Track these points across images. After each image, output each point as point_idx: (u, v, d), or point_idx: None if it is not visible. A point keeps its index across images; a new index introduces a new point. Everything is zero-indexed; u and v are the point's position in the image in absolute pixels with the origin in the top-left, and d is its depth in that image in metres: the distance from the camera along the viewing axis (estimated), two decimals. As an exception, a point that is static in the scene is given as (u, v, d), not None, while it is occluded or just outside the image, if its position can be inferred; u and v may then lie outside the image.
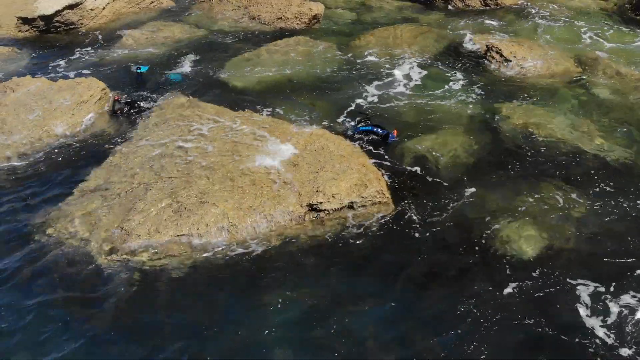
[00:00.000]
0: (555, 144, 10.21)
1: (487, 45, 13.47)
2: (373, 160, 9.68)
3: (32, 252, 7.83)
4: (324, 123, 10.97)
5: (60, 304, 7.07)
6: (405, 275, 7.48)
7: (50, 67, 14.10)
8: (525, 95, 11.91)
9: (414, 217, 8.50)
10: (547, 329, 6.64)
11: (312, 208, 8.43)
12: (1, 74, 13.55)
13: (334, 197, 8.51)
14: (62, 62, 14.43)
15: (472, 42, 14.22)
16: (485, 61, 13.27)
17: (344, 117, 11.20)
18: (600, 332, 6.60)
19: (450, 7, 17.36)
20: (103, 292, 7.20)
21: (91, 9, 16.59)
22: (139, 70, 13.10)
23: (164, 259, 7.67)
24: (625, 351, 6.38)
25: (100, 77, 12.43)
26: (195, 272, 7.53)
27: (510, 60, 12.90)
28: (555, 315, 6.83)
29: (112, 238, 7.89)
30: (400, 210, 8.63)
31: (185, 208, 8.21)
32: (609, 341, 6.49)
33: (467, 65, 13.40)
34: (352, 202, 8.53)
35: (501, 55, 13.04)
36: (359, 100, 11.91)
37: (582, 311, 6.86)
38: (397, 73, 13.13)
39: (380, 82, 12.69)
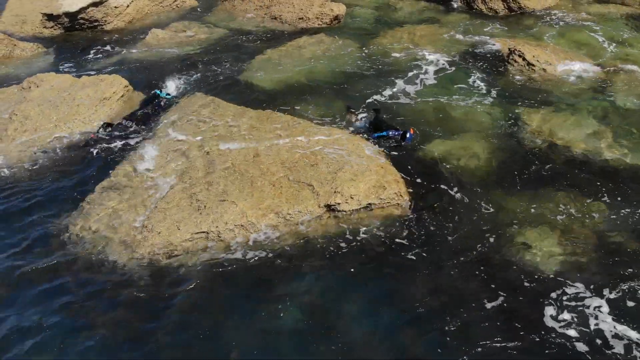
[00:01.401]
0: (576, 151, 10.07)
1: (509, 48, 13.35)
2: (392, 162, 9.65)
3: (53, 248, 7.96)
4: (343, 122, 10.97)
5: (80, 301, 7.17)
6: (421, 279, 7.45)
7: (74, 64, 14.30)
8: (547, 100, 11.77)
9: (432, 221, 8.47)
10: (563, 340, 6.58)
11: (330, 209, 8.44)
12: (26, 70, 13.77)
13: (352, 198, 8.52)
14: (85, 59, 14.63)
15: (494, 45, 14.12)
16: (507, 64, 13.15)
17: (362, 116, 11.16)
18: (620, 344, 6.52)
19: (472, 9, 17.22)
20: (121, 289, 7.30)
21: (115, 7, 16.77)
22: (161, 94, 11.96)
23: (183, 257, 7.75)
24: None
25: (123, 75, 12.57)
26: (214, 269, 7.59)
27: (533, 64, 12.76)
28: (574, 327, 6.75)
29: (132, 235, 7.99)
30: (418, 213, 8.60)
31: (205, 206, 8.29)
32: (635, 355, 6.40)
33: (488, 68, 13.30)
34: (370, 204, 8.53)
35: (524, 59, 12.91)
36: (377, 100, 11.90)
37: (601, 323, 6.78)
38: (417, 74, 13.07)
39: (399, 83, 12.64)
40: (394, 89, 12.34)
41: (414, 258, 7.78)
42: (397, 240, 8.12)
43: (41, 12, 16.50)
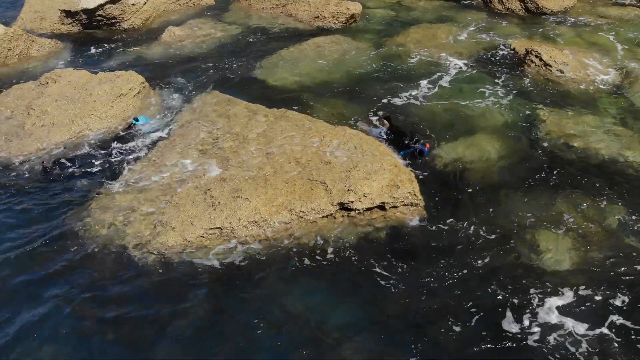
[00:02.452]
0: (592, 153, 9.99)
1: (526, 49, 13.26)
2: (406, 162, 9.63)
3: (70, 241, 8.06)
4: (357, 122, 10.96)
5: (94, 293, 7.26)
6: (434, 280, 7.43)
7: (91, 60, 14.43)
8: (564, 101, 11.68)
9: (446, 221, 8.45)
10: (574, 341, 6.53)
11: (343, 207, 8.44)
12: (44, 66, 13.92)
13: (365, 196, 8.51)
14: (102, 56, 14.75)
15: (510, 46, 14.02)
16: (524, 65, 13.06)
17: (374, 120, 11.13)
18: (633, 346, 6.46)
19: (489, 9, 17.12)
20: (135, 283, 7.38)
21: (132, 4, 16.87)
22: (135, 122, 10.96)
23: (197, 252, 7.80)
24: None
25: (140, 72, 12.64)
26: (227, 265, 7.65)
27: (550, 65, 12.66)
28: (585, 329, 6.70)
29: (147, 230, 8.05)
30: (432, 213, 8.59)
31: (219, 203, 8.33)
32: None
33: (505, 68, 13.22)
34: (383, 203, 8.51)
35: (540, 60, 12.82)
36: (393, 102, 11.85)
37: (612, 325, 6.72)
38: (433, 74, 13.03)
39: (415, 83, 12.61)
40: (409, 90, 12.30)
41: (426, 257, 7.77)
42: (409, 239, 8.12)
43: (59, 8, 16.65)
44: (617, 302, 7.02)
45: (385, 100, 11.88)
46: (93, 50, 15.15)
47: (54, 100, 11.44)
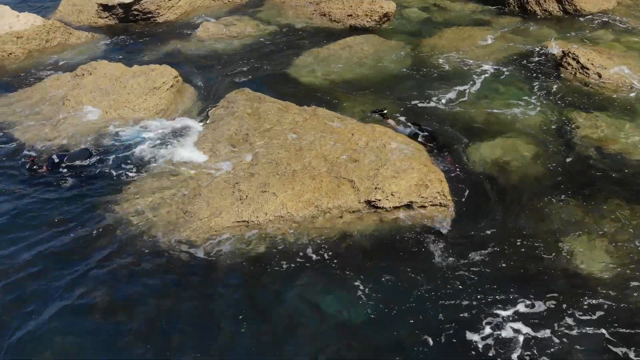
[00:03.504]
0: (628, 159, 9.72)
1: (563, 51, 12.99)
2: (437, 161, 9.52)
3: (100, 226, 8.21)
4: (387, 122, 10.88)
5: (119, 277, 7.40)
6: (460, 282, 7.31)
7: (126, 53, 14.65)
8: (600, 105, 11.41)
9: (475, 223, 8.32)
10: (610, 347, 6.37)
11: (370, 205, 8.39)
12: (80, 58, 14.18)
13: (393, 195, 8.45)
14: (137, 49, 14.96)
15: (546, 48, 13.75)
16: (560, 68, 12.79)
17: (405, 120, 11.03)
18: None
19: (525, 11, 16.81)
20: (161, 270, 7.47)
21: None
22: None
23: (223, 244, 7.84)
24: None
25: (174, 65, 12.78)
26: (252, 257, 7.68)
27: (588, 68, 12.38)
28: (618, 335, 6.54)
29: (175, 219, 8.14)
30: (461, 215, 8.46)
31: (247, 196, 8.37)
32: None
33: (540, 71, 12.98)
34: (411, 202, 8.44)
35: (578, 62, 12.54)
36: (423, 104, 11.73)
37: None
38: (466, 76, 12.87)
39: (447, 84, 12.47)
40: (441, 92, 12.15)
41: (453, 258, 7.66)
42: (436, 239, 8.01)
43: (97, 2, 16.95)
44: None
45: (416, 101, 11.76)
46: (128, 44, 15.39)
47: (89, 92, 11.65)
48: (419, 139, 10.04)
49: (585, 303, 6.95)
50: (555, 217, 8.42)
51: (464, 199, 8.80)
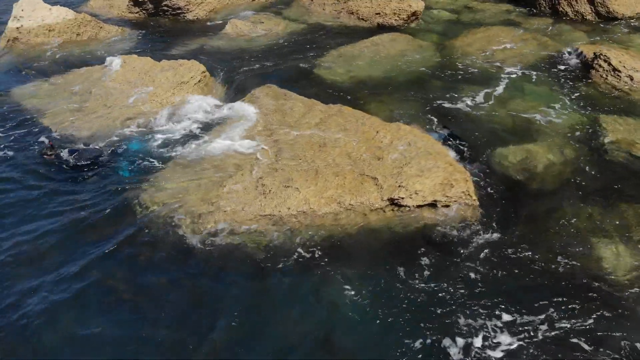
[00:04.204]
0: (659, 165, 9.54)
1: (594, 53, 12.75)
2: (462, 162, 9.42)
3: (123, 215, 8.32)
4: (411, 121, 10.80)
5: (142, 265, 7.50)
6: (483, 284, 7.21)
7: (155, 48, 14.82)
8: (632, 110, 11.16)
9: (500, 225, 8.20)
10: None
11: (393, 203, 8.34)
12: (110, 51, 14.39)
13: (416, 193, 8.38)
14: (166, 44, 15.13)
15: (577, 50, 13.52)
16: (591, 70, 12.56)
17: (435, 122, 10.93)
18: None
19: (557, 13, 16.56)
20: (182, 259, 7.54)
21: (198, -4, 17.28)
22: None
23: (245, 236, 7.87)
24: None
25: (202, 61, 12.89)
26: (273, 251, 7.68)
27: (619, 70, 12.12)
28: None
29: (199, 211, 8.19)
30: (486, 216, 8.35)
31: (270, 191, 8.39)
32: None
33: (570, 73, 12.76)
34: (435, 201, 8.36)
35: (609, 64, 12.30)
36: (450, 104, 11.61)
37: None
38: (494, 77, 12.72)
39: (475, 85, 12.34)
40: (468, 93, 12.02)
41: (476, 260, 7.56)
42: (460, 240, 7.91)
43: (128, -3, 17.23)
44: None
45: (442, 102, 11.66)
46: (157, 39, 15.58)
47: (117, 84, 11.81)
48: (448, 144, 9.94)
49: (612, 308, 6.80)
50: (582, 221, 8.27)
51: (489, 201, 8.69)
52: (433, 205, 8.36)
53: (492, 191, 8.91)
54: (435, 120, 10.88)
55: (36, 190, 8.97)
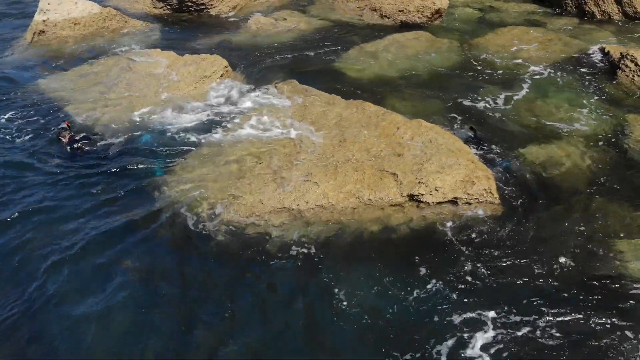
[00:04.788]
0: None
1: (621, 53, 12.54)
2: (484, 160, 9.31)
3: (145, 202, 8.41)
4: (432, 119, 10.70)
5: (160, 252, 7.58)
6: (503, 283, 7.11)
7: (178, 42, 14.89)
8: (659, 110, 10.98)
9: (522, 223, 8.09)
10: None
11: (412, 199, 8.28)
12: (134, 44, 14.49)
13: (437, 190, 8.31)
14: (190, 39, 15.21)
15: (603, 50, 13.30)
16: (617, 70, 12.36)
17: (459, 121, 10.83)
18: None
19: (583, 13, 16.31)
20: (200, 248, 7.59)
21: (222, -9, 17.34)
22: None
23: (263, 227, 7.88)
24: None
25: (224, 56, 12.93)
26: (290, 243, 7.68)
27: (646, 71, 11.93)
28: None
29: (219, 200, 8.23)
30: (508, 214, 8.24)
31: (289, 184, 8.39)
32: None
33: (596, 73, 12.57)
34: (456, 198, 8.28)
35: (636, 65, 12.08)
36: (473, 103, 11.49)
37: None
38: (517, 76, 12.58)
39: (498, 84, 12.21)
40: (491, 91, 11.89)
41: (496, 258, 7.46)
42: (480, 238, 7.82)
43: (153, -8, 17.35)
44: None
45: (464, 100, 11.54)
46: (181, 33, 15.68)
47: (140, 77, 11.91)
48: (470, 142, 9.83)
49: (634, 306, 6.67)
50: (605, 219, 8.14)
51: (511, 199, 8.58)
52: (454, 202, 8.28)
53: (514, 190, 8.80)
54: (458, 118, 10.78)
55: (51, 174, 9.10)
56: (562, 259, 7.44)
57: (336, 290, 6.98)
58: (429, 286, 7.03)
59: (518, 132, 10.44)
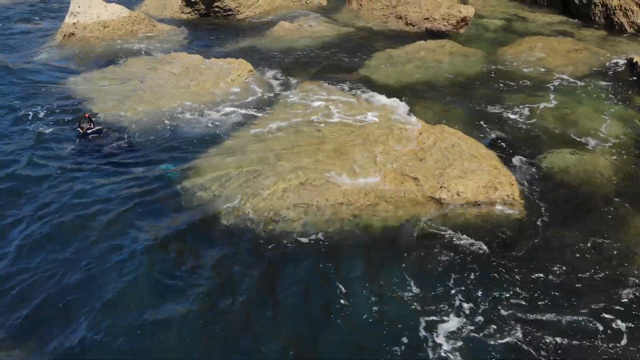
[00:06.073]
0: None
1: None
2: (508, 167, 9.20)
3: (166, 197, 8.49)
4: (456, 125, 10.63)
5: (179, 247, 7.56)
6: (520, 290, 6.92)
7: (205, 46, 15.11)
8: (690, 121, 10.76)
9: (544, 231, 7.92)
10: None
11: (434, 200, 8.23)
12: (161, 48, 14.74)
13: (459, 195, 8.24)
14: (216, 43, 15.43)
15: (632, 61, 13.11)
16: (647, 82, 12.20)
17: (481, 127, 10.74)
18: None
19: (612, 24, 16.12)
20: (219, 244, 7.58)
21: (249, -2, 17.57)
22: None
23: (282, 223, 7.87)
24: None
25: (249, 60, 13.10)
26: (309, 240, 7.64)
27: (677, 83, 11.72)
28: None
29: (238, 196, 8.26)
30: (530, 221, 8.08)
31: (309, 182, 8.39)
32: None
33: (623, 84, 12.39)
34: (478, 202, 8.20)
35: (665, 76, 11.91)
36: (497, 110, 11.38)
37: None
38: (544, 85, 12.46)
39: (524, 93, 12.09)
40: (517, 100, 11.75)
41: (516, 268, 7.26)
42: (502, 244, 7.66)
43: (181, -2, 17.65)
44: None
45: (489, 107, 11.44)
46: (208, 37, 15.90)
47: (166, 77, 12.09)
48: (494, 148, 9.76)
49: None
50: (630, 229, 7.97)
51: (534, 206, 8.43)
52: (476, 206, 8.20)
53: (538, 196, 8.66)
54: (482, 124, 10.70)
55: (69, 170, 9.21)
56: (582, 270, 7.23)
57: (354, 287, 6.89)
58: (446, 287, 6.93)
59: (543, 139, 10.31)
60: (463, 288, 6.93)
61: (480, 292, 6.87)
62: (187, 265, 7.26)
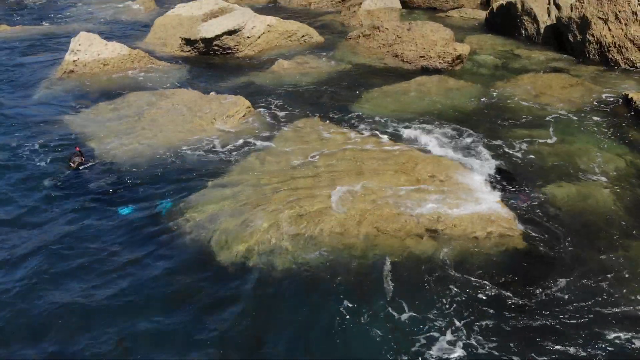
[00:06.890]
0: None
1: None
2: (506, 199, 9.14)
3: (158, 231, 8.46)
4: (453, 157, 10.62)
5: (170, 283, 7.49)
6: (528, 319, 6.83)
7: (203, 83, 15.24)
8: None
9: (541, 263, 7.84)
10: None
11: (431, 231, 8.17)
12: (160, 84, 14.87)
13: (455, 227, 8.18)
14: (215, 80, 15.55)
15: (627, 97, 13.19)
16: (640, 118, 12.24)
17: (478, 159, 10.73)
18: None
19: (606, 62, 16.27)
20: (213, 281, 7.49)
21: (247, 37, 17.79)
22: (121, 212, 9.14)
23: (277, 256, 7.78)
24: None
25: (247, 96, 13.19)
26: (304, 271, 7.58)
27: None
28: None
29: (230, 231, 8.20)
30: (528, 253, 8.00)
31: (306, 213, 8.36)
32: None
33: (619, 119, 12.45)
34: (475, 235, 8.12)
35: (660, 111, 11.96)
36: (495, 143, 11.38)
37: None
38: (540, 121, 12.50)
39: (520, 128, 12.10)
40: (514, 134, 11.74)
41: (513, 299, 7.14)
42: (498, 275, 7.57)
43: (180, 36, 17.88)
44: None
45: (486, 140, 11.43)
46: (206, 74, 16.05)
47: (164, 113, 12.16)
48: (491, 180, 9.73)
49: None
50: (628, 260, 7.87)
51: (532, 238, 8.35)
52: (473, 238, 8.11)
53: (536, 229, 8.57)
54: (478, 157, 10.67)
55: (57, 205, 9.21)
56: (578, 303, 7.11)
57: (348, 319, 6.78)
58: (443, 316, 6.80)
59: (540, 173, 10.28)
60: (460, 320, 6.81)
61: (481, 326, 6.75)
62: (182, 306, 7.14)
